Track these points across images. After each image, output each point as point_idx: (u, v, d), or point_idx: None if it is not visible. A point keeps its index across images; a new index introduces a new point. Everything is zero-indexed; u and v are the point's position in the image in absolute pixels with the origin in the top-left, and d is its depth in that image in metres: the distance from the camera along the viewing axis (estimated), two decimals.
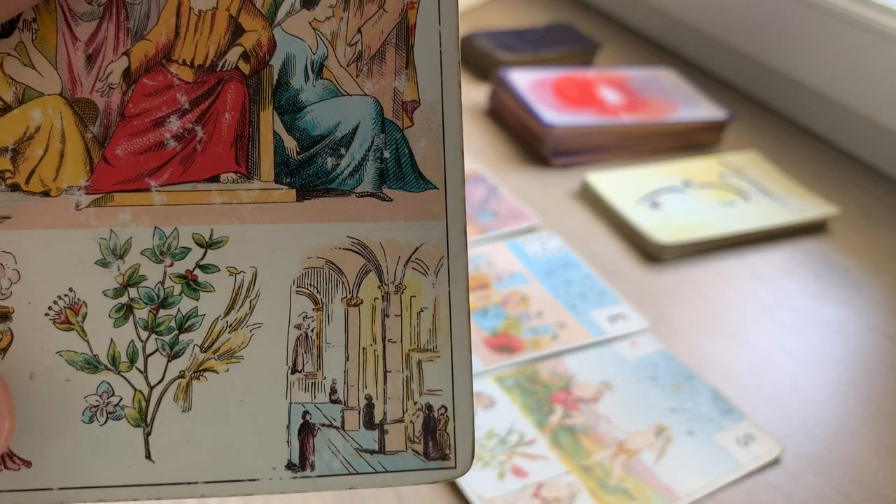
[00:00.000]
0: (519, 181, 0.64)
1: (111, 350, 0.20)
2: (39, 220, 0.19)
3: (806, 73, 0.77)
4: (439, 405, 0.21)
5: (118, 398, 0.20)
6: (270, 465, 0.20)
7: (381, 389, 0.21)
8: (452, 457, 0.21)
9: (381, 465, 0.21)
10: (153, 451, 0.20)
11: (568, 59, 0.82)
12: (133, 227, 0.20)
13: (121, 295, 0.20)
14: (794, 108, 0.79)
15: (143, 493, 0.20)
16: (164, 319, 0.20)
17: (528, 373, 0.46)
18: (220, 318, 0.20)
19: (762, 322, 0.53)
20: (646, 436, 0.43)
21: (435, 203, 0.21)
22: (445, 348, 0.21)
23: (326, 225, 0.21)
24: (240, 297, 0.20)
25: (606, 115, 0.69)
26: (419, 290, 0.21)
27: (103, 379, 0.20)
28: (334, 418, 0.20)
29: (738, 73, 0.84)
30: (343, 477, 0.20)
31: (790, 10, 0.77)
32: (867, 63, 0.71)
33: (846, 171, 0.72)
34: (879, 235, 0.63)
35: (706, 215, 0.60)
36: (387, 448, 0.21)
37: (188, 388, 0.20)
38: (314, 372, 0.20)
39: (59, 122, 0.20)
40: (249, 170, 0.20)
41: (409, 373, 0.21)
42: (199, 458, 0.20)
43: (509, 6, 0.98)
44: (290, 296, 0.20)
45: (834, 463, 0.43)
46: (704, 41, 0.87)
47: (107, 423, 0.20)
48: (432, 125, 0.21)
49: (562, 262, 0.55)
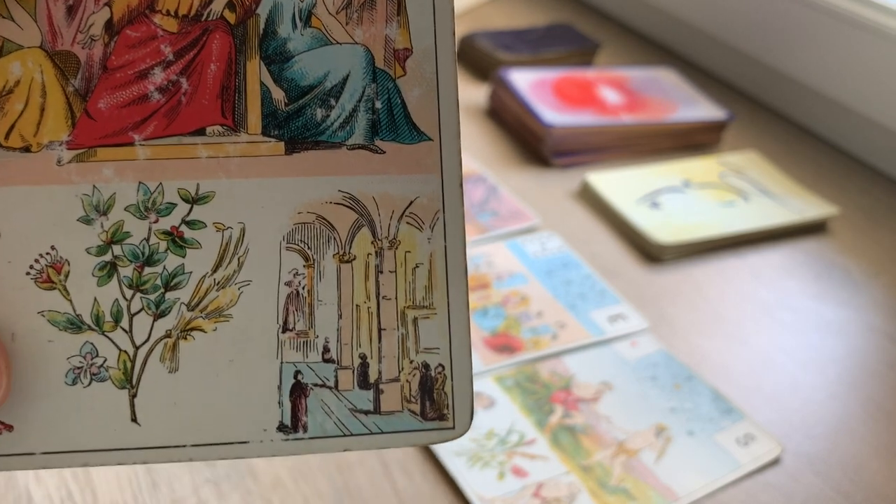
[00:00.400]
0: (519, 181, 0.64)
1: (95, 309, 0.19)
2: (20, 176, 0.19)
3: (806, 73, 0.77)
4: (436, 364, 0.20)
5: (102, 359, 0.19)
6: (261, 426, 0.20)
7: (376, 348, 0.20)
8: (451, 417, 0.20)
9: (376, 426, 0.20)
10: (139, 413, 0.19)
11: (568, 59, 0.82)
12: (116, 183, 0.19)
13: (104, 252, 0.19)
14: (795, 108, 0.79)
15: (128, 457, 0.19)
16: (149, 277, 0.19)
17: (528, 373, 0.46)
18: (208, 276, 0.19)
19: (762, 322, 0.53)
20: (646, 436, 0.43)
21: (429, 155, 0.20)
22: (442, 305, 0.20)
23: (317, 179, 0.20)
24: (227, 253, 0.19)
25: (606, 115, 0.69)
26: (414, 245, 0.20)
27: (87, 339, 0.19)
28: (327, 378, 0.20)
29: (738, 73, 0.84)
30: (337, 439, 0.20)
31: (790, 10, 0.77)
32: (867, 63, 0.71)
33: (846, 172, 0.72)
34: (879, 236, 0.63)
35: (706, 215, 0.60)
36: (382, 408, 0.20)
37: (175, 347, 0.19)
38: (306, 330, 0.20)
39: (39, 76, 0.19)
40: (236, 122, 0.20)
41: (404, 331, 0.20)
42: (187, 420, 0.19)
43: (509, 6, 0.98)
44: (280, 252, 0.20)
45: (834, 463, 0.43)
46: (704, 41, 0.87)
47: (91, 385, 0.19)
48: (426, 74, 0.20)
49: (562, 262, 0.55)
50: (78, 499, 0.37)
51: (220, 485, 0.38)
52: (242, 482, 0.38)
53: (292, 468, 0.39)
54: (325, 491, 0.38)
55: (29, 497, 0.37)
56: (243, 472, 0.39)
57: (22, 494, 0.37)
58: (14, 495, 0.37)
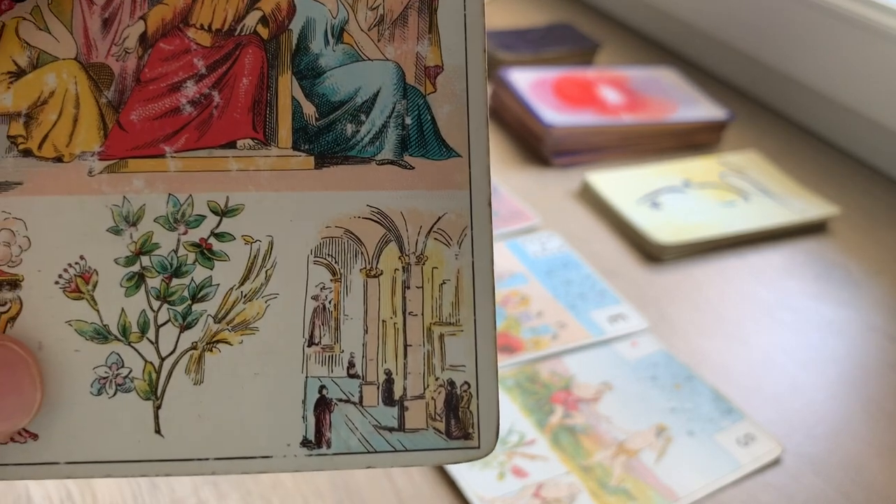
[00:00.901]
0: (519, 181, 0.64)
1: (122, 320, 0.19)
2: (51, 186, 0.19)
3: (806, 73, 0.77)
4: (462, 381, 0.20)
5: (128, 370, 0.19)
6: (285, 441, 0.19)
7: (402, 364, 0.20)
8: (476, 436, 0.20)
9: (400, 444, 0.20)
10: (163, 425, 0.19)
11: (568, 59, 0.82)
12: (147, 194, 0.19)
13: (133, 263, 0.19)
14: (795, 107, 0.79)
15: (151, 469, 0.19)
16: (176, 289, 0.19)
17: (528, 373, 0.46)
18: (235, 289, 0.19)
19: (762, 322, 0.53)
20: (646, 436, 0.43)
21: (458, 171, 0.20)
22: (469, 322, 0.20)
23: (345, 193, 0.20)
24: (255, 266, 0.19)
25: (607, 115, 0.69)
26: (441, 261, 0.20)
27: (113, 350, 0.19)
28: (352, 393, 0.20)
29: (738, 72, 0.84)
30: (360, 455, 0.20)
31: (790, 10, 0.77)
32: (867, 63, 0.71)
33: (847, 171, 0.71)
34: (880, 235, 0.63)
35: (706, 215, 0.60)
36: (407, 426, 0.20)
37: (201, 360, 0.19)
38: (331, 345, 0.20)
39: (73, 87, 0.19)
40: (267, 136, 0.20)
41: (430, 347, 0.20)
42: (211, 433, 0.19)
43: (509, 6, 0.98)
44: (308, 266, 0.20)
45: (834, 463, 0.43)
46: (705, 41, 0.87)
47: (116, 396, 0.19)
48: (456, 91, 0.20)
49: (562, 262, 0.55)
50: (77, 499, 0.37)
51: (219, 485, 0.38)
52: (242, 482, 0.38)
53: None
54: (324, 491, 0.38)
55: (28, 497, 0.37)
56: None
57: (21, 495, 0.37)
58: (14, 496, 0.37)
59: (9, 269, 0.19)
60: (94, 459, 0.19)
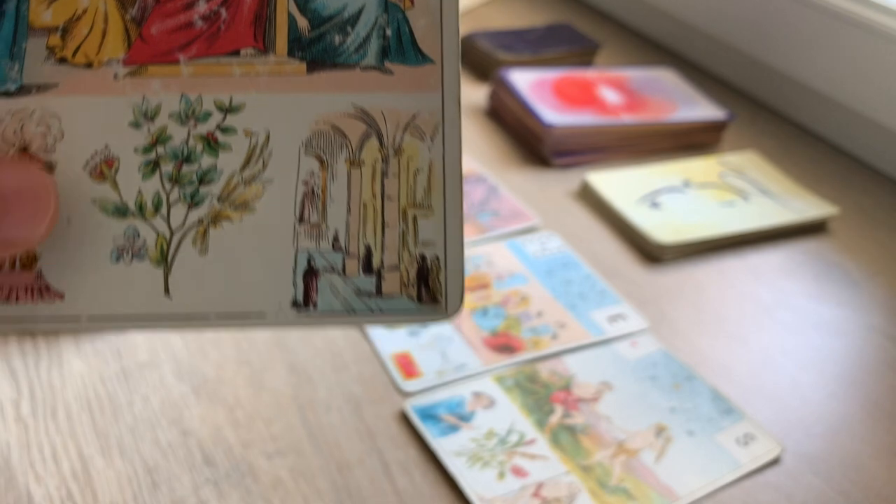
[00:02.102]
0: (519, 181, 0.64)
1: (139, 199, 0.22)
2: (83, 87, 0.23)
3: (806, 73, 0.77)
4: (433, 255, 0.23)
5: (143, 241, 0.22)
6: (277, 302, 0.22)
7: (379, 240, 0.23)
8: (443, 302, 0.23)
9: (377, 307, 0.23)
10: (171, 287, 0.22)
11: (568, 59, 0.82)
12: (163, 94, 0.23)
13: (149, 152, 0.22)
14: (794, 108, 0.79)
15: (159, 324, 0.22)
16: (186, 174, 0.22)
17: (528, 373, 0.46)
18: (237, 174, 0.23)
19: (762, 322, 0.53)
20: (646, 436, 0.43)
21: (432, 76, 0.23)
22: (439, 206, 0.23)
23: (333, 95, 0.23)
24: (254, 155, 0.23)
25: (606, 115, 0.69)
26: (416, 153, 0.23)
27: (131, 224, 0.22)
28: (336, 264, 0.23)
29: (738, 73, 0.84)
30: (342, 315, 0.23)
31: (790, 10, 0.77)
32: (867, 63, 0.71)
33: (846, 171, 0.72)
34: (879, 235, 0.63)
35: (706, 215, 0.60)
36: (384, 291, 0.23)
37: (206, 234, 0.22)
38: (319, 223, 0.23)
39: (102, 6, 0.23)
40: (266, 45, 0.23)
41: (405, 226, 0.23)
42: (212, 294, 0.22)
43: (509, 6, 0.98)
44: (300, 156, 0.23)
45: (834, 462, 0.43)
46: (704, 41, 0.87)
47: (132, 263, 0.22)
48: (431, 7, 0.23)
49: (562, 262, 0.55)
50: (78, 499, 0.37)
51: (219, 484, 0.38)
52: (242, 482, 0.38)
53: (293, 468, 0.39)
54: (325, 491, 0.38)
55: (29, 496, 0.37)
56: (244, 472, 0.39)
57: (22, 494, 0.37)
58: (14, 495, 0.37)
59: (45, 155, 0.23)
60: (111, 314, 0.22)
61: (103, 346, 0.45)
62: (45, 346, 0.44)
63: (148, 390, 0.43)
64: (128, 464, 0.39)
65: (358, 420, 0.42)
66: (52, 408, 0.41)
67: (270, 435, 0.41)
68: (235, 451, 0.40)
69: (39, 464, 0.38)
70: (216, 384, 0.43)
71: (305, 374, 0.45)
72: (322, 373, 0.45)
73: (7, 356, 0.44)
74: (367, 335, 0.47)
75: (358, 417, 0.42)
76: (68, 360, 0.44)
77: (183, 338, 0.46)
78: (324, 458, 0.40)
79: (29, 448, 0.39)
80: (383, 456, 0.41)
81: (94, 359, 0.44)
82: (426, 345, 0.47)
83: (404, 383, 0.44)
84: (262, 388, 0.43)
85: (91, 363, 0.44)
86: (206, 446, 0.40)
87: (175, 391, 0.43)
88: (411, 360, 0.46)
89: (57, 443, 0.39)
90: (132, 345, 0.45)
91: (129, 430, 0.40)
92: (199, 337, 0.46)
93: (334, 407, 0.43)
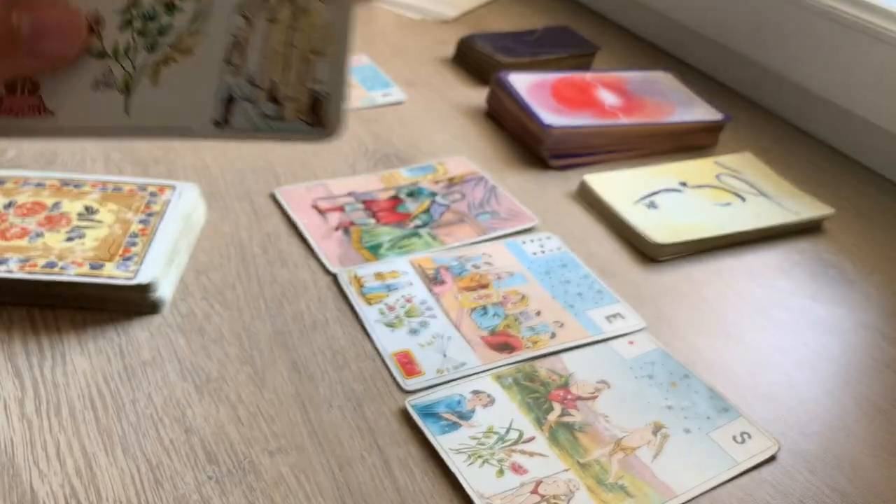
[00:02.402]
0: (518, 182, 0.65)
1: (114, 46, 0.29)
2: None
3: (802, 75, 0.77)
4: (323, 90, 0.30)
5: (114, 77, 0.29)
6: (203, 119, 0.30)
7: (284, 78, 0.30)
8: (329, 125, 0.30)
9: (277, 128, 0.30)
10: (130, 108, 0.29)
11: (566, 62, 0.83)
12: None
13: (126, 13, 0.28)
14: (790, 109, 0.80)
15: (119, 134, 0.30)
16: (150, 29, 0.29)
17: (526, 371, 0.46)
18: (185, 28, 0.29)
19: (758, 321, 0.53)
20: (643, 433, 0.43)
21: None
22: (331, 54, 0.29)
23: None
24: (199, 15, 0.29)
25: (604, 117, 0.69)
26: (318, 13, 0.29)
27: (107, 64, 0.29)
28: (250, 95, 0.30)
29: (734, 75, 0.85)
30: (251, 132, 0.30)
31: (787, 12, 0.78)
32: (863, 65, 0.72)
33: (841, 172, 0.72)
34: (873, 235, 0.64)
35: (703, 216, 0.61)
36: (284, 116, 0.30)
37: (157, 71, 0.29)
38: (240, 65, 0.29)
39: None
40: None
41: (303, 68, 0.29)
42: (158, 113, 0.29)
43: (508, 9, 0.98)
44: (231, 15, 0.29)
45: (829, 460, 0.43)
46: (701, 44, 0.88)
47: (104, 91, 0.29)
48: None
49: (560, 262, 0.55)
50: (82, 496, 0.37)
51: (222, 482, 0.38)
52: (245, 479, 0.39)
53: (294, 465, 0.40)
54: (326, 488, 0.39)
55: (33, 494, 0.37)
56: (246, 469, 0.39)
57: (26, 491, 0.37)
58: (19, 492, 0.37)
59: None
60: (86, 126, 0.29)
61: (106, 344, 0.45)
62: (49, 345, 0.45)
63: (151, 388, 0.43)
64: (131, 461, 0.39)
65: (359, 418, 0.43)
66: (55, 406, 0.41)
67: (272, 432, 0.41)
68: (238, 449, 0.40)
69: (43, 461, 0.39)
70: (219, 382, 0.44)
71: (307, 373, 0.45)
72: (323, 371, 0.45)
73: (11, 355, 0.44)
74: (369, 334, 0.48)
75: (359, 415, 0.43)
76: (72, 359, 0.44)
77: (186, 337, 0.46)
78: (325, 455, 0.41)
79: (33, 446, 0.39)
80: (384, 453, 0.41)
81: (98, 357, 0.44)
82: (426, 344, 0.47)
83: (405, 381, 0.45)
84: (264, 386, 0.44)
85: (94, 362, 0.44)
86: (209, 444, 0.40)
87: (178, 389, 0.43)
88: (412, 359, 0.46)
89: (61, 440, 0.40)
90: (136, 343, 0.45)
91: (133, 428, 0.41)
92: (201, 336, 0.46)
93: (335, 405, 0.43)
